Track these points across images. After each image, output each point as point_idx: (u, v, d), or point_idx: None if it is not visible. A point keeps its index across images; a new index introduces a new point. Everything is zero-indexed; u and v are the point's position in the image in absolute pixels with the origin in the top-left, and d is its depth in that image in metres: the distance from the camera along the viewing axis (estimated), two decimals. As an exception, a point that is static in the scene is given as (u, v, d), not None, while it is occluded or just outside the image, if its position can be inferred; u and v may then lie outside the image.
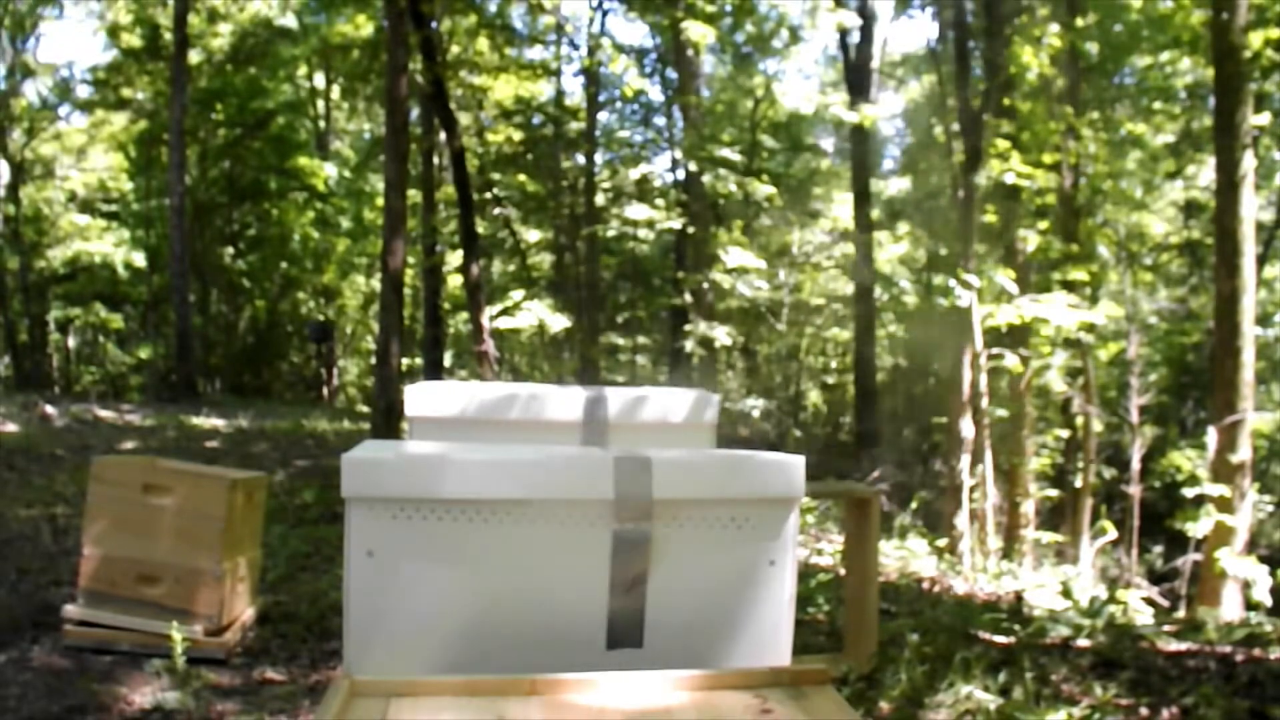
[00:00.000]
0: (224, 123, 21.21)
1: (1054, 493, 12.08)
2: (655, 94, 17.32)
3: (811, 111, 17.93)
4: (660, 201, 15.45)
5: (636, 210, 14.68)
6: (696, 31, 11.72)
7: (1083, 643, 4.40)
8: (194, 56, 19.24)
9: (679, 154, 15.76)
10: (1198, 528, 8.01)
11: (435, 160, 17.75)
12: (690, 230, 14.14)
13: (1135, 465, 11.28)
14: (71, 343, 22.62)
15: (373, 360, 16.52)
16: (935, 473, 13.23)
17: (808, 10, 16.13)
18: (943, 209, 16.87)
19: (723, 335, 13.24)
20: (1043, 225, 11.95)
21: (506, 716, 1.46)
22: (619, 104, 17.98)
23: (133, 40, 20.18)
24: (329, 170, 22.65)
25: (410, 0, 10.89)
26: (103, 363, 22.56)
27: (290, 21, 20.78)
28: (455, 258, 17.35)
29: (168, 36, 18.49)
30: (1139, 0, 12.06)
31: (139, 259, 20.81)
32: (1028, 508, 11.06)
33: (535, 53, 17.95)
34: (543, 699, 1.52)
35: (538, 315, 15.18)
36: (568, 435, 2.17)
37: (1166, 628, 5.30)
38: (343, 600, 1.74)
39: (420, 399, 2.20)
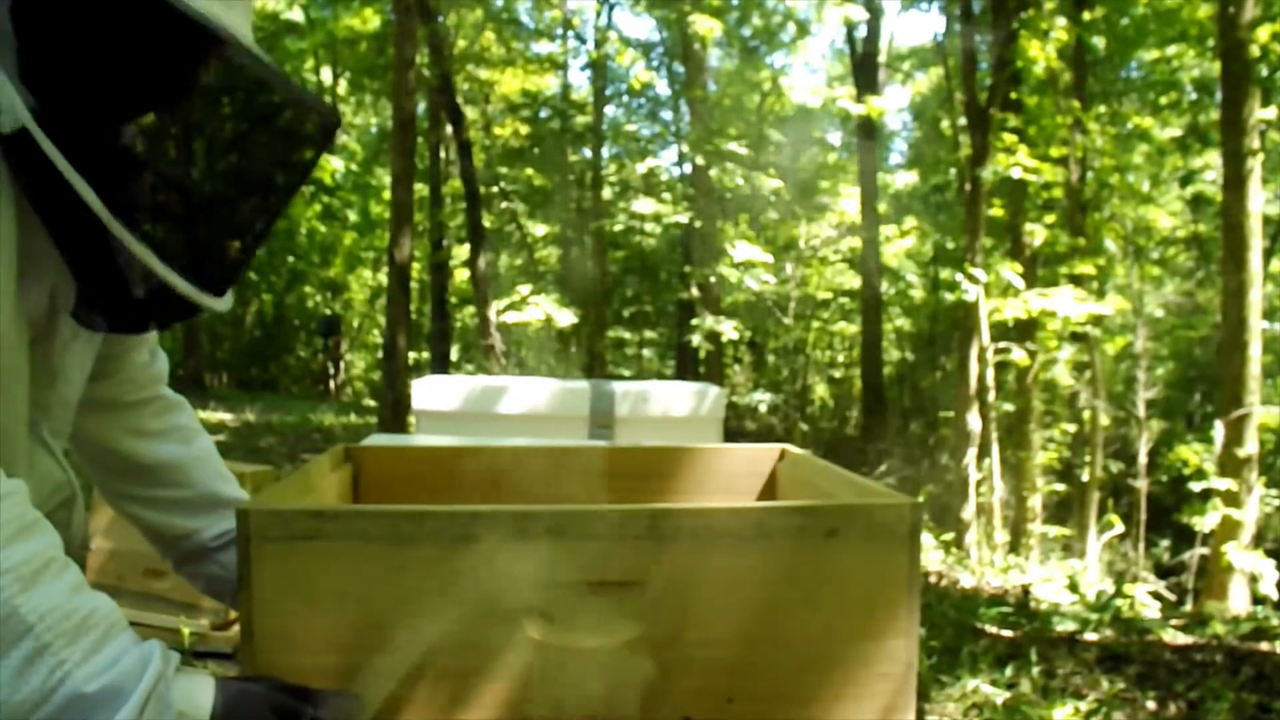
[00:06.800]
0: (231, 117, 21.20)
1: (1061, 487, 12.10)
2: (662, 87, 17.34)
3: (819, 105, 17.91)
4: (667, 195, 15.44)
5: (643, 204, 14.68)
6: (703, 25, 11.72)
7: (1090, 636, 4.41)
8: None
9: (686, 147, 15.76)
10: (1204, 521, 8.03)
11: (442, 154, 17.77)
12: (697, 224, 14.13)
13: (1142, 459, 11.29)
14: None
15: (380, 354, 16.54)
16: (942, 467, 13.23)
17: (814, 3, 16.08)
18: (949, 203, 16.86)
19: (729, 329, 13.21)
20: (1049, 219, 11.94)
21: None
22: (626, 97, 18.00)
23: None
24: (336, 164, 22.64)
25: (417, -6, 10.90)
26: (110, 357, 22.61)
27: (297, 15, 20.78)
28: (462, 251, 17.38)
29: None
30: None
31: (146, 253, 20.84)
32: (1034, 502, 11.07)
33: (542, 46, 17.97)
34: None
35: (545, 309, 15.18)
36: (575, 429, 2.18)
37: (1173, 621, 5.30)
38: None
39: (427, 393, 2.21)
